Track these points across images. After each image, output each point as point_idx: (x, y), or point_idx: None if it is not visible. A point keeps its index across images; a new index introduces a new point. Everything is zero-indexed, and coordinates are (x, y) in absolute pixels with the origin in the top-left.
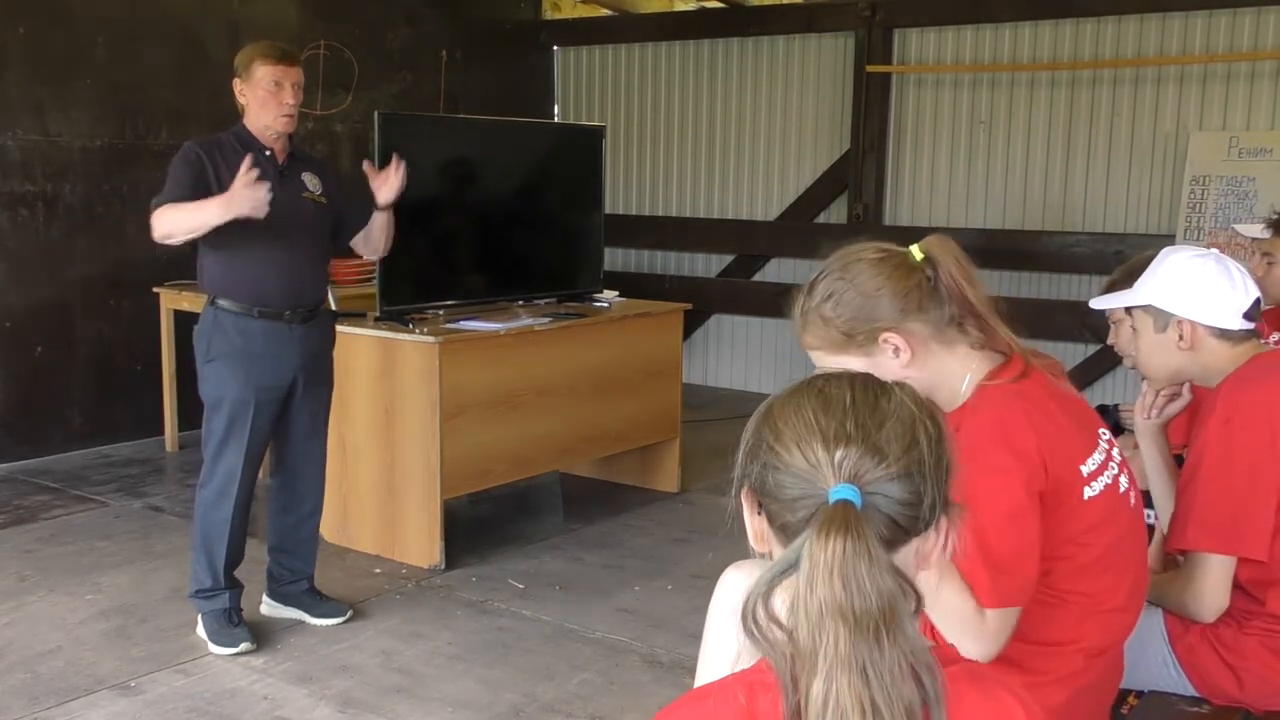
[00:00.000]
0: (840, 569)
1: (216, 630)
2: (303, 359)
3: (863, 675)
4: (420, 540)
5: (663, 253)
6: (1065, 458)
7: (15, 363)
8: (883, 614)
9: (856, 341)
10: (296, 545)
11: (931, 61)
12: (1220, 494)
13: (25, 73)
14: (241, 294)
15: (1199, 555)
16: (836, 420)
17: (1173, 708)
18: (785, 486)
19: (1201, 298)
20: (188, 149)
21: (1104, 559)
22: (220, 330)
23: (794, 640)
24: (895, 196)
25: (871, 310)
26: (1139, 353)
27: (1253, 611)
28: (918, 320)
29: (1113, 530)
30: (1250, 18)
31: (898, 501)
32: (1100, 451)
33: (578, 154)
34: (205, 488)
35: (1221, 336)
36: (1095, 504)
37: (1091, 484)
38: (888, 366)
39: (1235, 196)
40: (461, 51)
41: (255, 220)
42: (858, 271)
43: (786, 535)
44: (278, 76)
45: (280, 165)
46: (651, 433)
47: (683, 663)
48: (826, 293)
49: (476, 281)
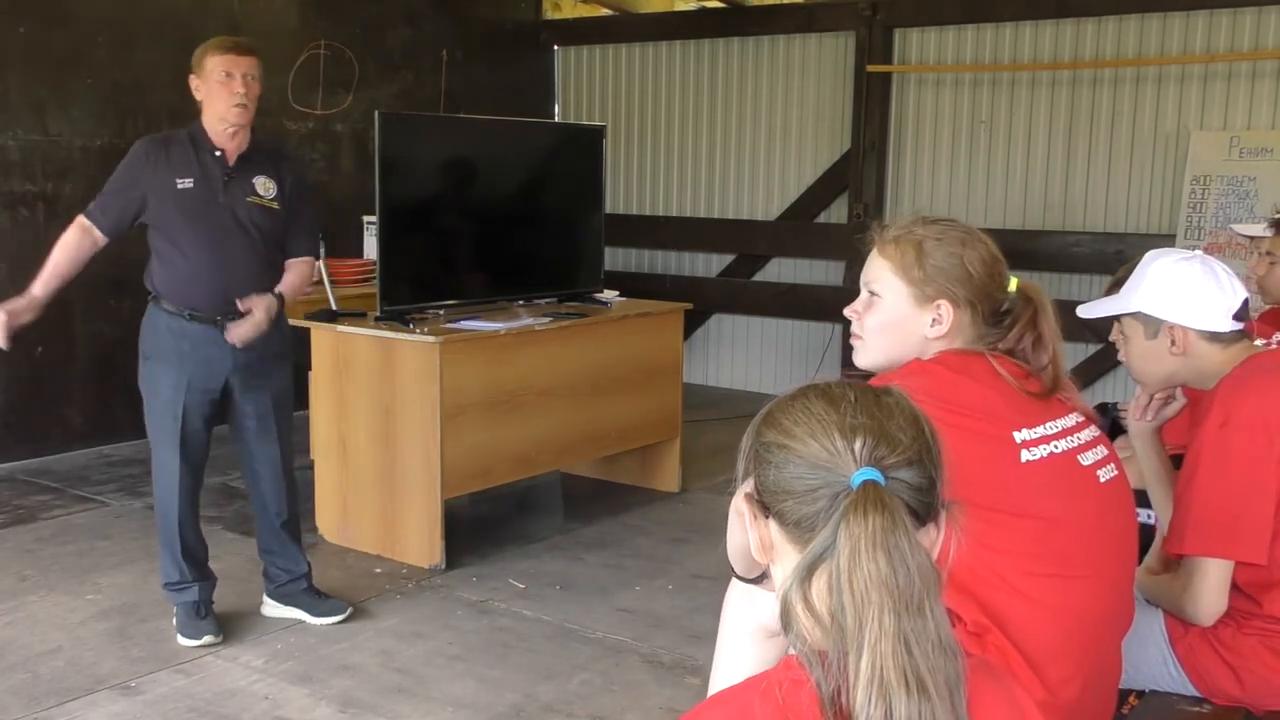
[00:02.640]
0: (883, 543)
1: (184, 622)
2: (235, 363)
3: (907, 648)
4: (420, 540)
5: (663, 252)
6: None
7: (15, 363)
8: (925, 588)
9: (924, 287)
10: (279, 545)
11: (932, 61)
12: (1217, 497)
13: (26, 72)
14: (175, 296)
15: (1197, 559)
16: (848, 413)
17: (1173, 708)
18: (801, 478)
19: (1190, 302)
20: (134, 150)
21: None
22: (155, 330)
23: (836, 622)
24: (896, 196)
25: (958, 279)
26: (1130, 359)
27: (1251, 613)
28: (974, 316)
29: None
30: (1251, 17)
31: (913, 487)
32: (1052, 426)
33: (578, 154)
34: (154, 486)
35: (1212, 339)
36: (1035, 468)
37: (1030, 449)
38: (916, 324)
39: (1236, 196)
40: (462, 51)
41: (190, 221)
42: (975, 247)
43: (801, 530)
44: (228, 67)
45: (229, 166)
46: (652, 432)
47: (683, 663)
48: (941, 235)
49: (477, 281)
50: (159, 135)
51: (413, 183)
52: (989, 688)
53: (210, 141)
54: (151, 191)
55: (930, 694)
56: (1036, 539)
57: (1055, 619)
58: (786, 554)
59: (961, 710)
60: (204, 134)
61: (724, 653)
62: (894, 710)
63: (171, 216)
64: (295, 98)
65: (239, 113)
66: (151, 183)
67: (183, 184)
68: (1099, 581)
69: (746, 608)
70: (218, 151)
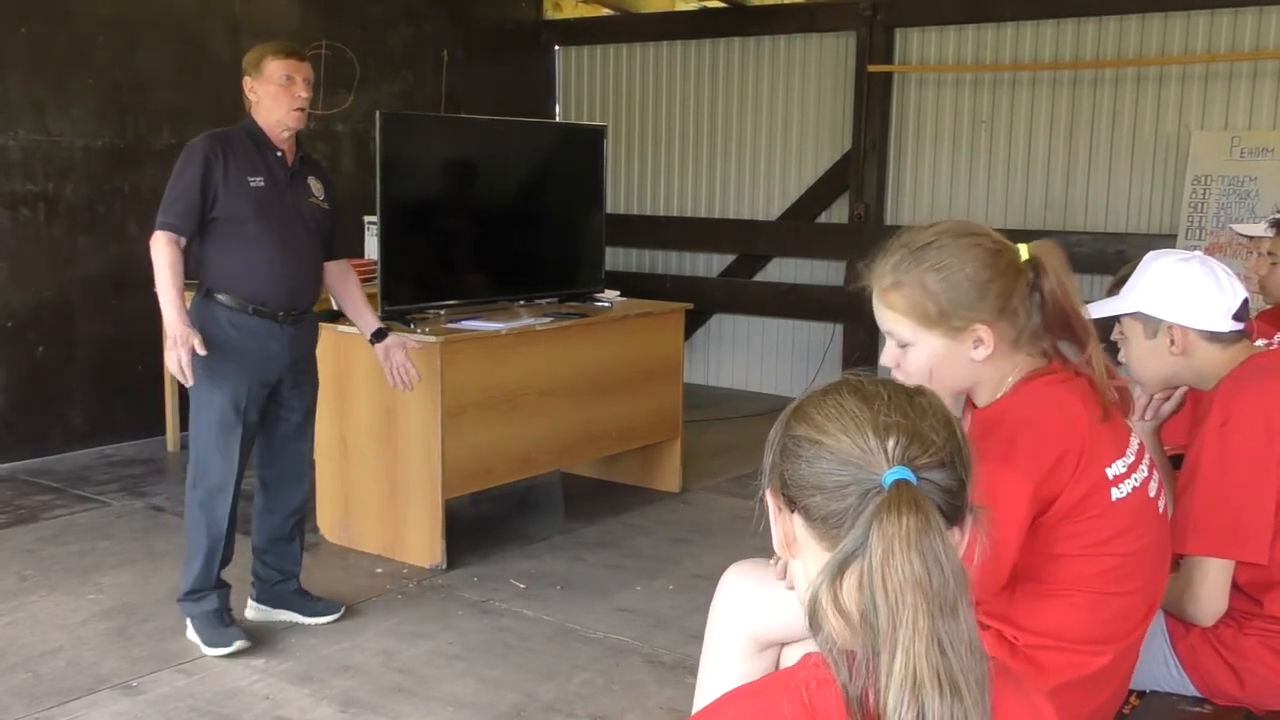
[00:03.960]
0: (917, 543)
1: (209, 632)
2: (291, 359)
3: (940, 650)
4: (421, 540)
5: (664, 252)
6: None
7: (17, 362)
8: (958, 589)
9: (949, 323)
10: (282, 545)
11: (933, 61)
12: (1218, 498)
13: (27, 73)
14: (239, 290)
15: (1197, 559)
16: (881, 411)
17: (1174, 708)
18: (831, 474)
19: (1189, 302)
20: (194, 147)
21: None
22: (216, 324)
23: (867, 622)
24: (896, 196)
25: (977, 299)
26: (1130, 360)
27: (1252, 613)
28: (1008, 321)
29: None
30: (1252, 17)
31: (943, 488)
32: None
33: (579, 154)
34: (197, 487)
35: (1212, 339)
36: (1122, 507)
37: (1119, 486)
38: (961, 354)
39: (1237, 196)
40: (463, 51)
41: (263, 219)
42: (974, 257)
43: (828, 526)
44: (290, 71)
45: (290, 167)
46: (652, 432)
47: (684, 662)
48: (938, 264)
49: (478, 281)
50: (214, 133)
51: (414, 183)
52: (1010, 693)
53: (271, 142)
54: (224, 186)
55: (963, 695)
56: (1106, 571)
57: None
58: (810, 550)
59: (988, 713)
60: (263, 134)
61: (711, 665)
62: (927, 711)
63: (245, 212)
64: None
65: (299, 117)
66: (222, 178)
67: (255, 182)
68: (1140, 600)
69: (737, 618)
70: (278, 152)
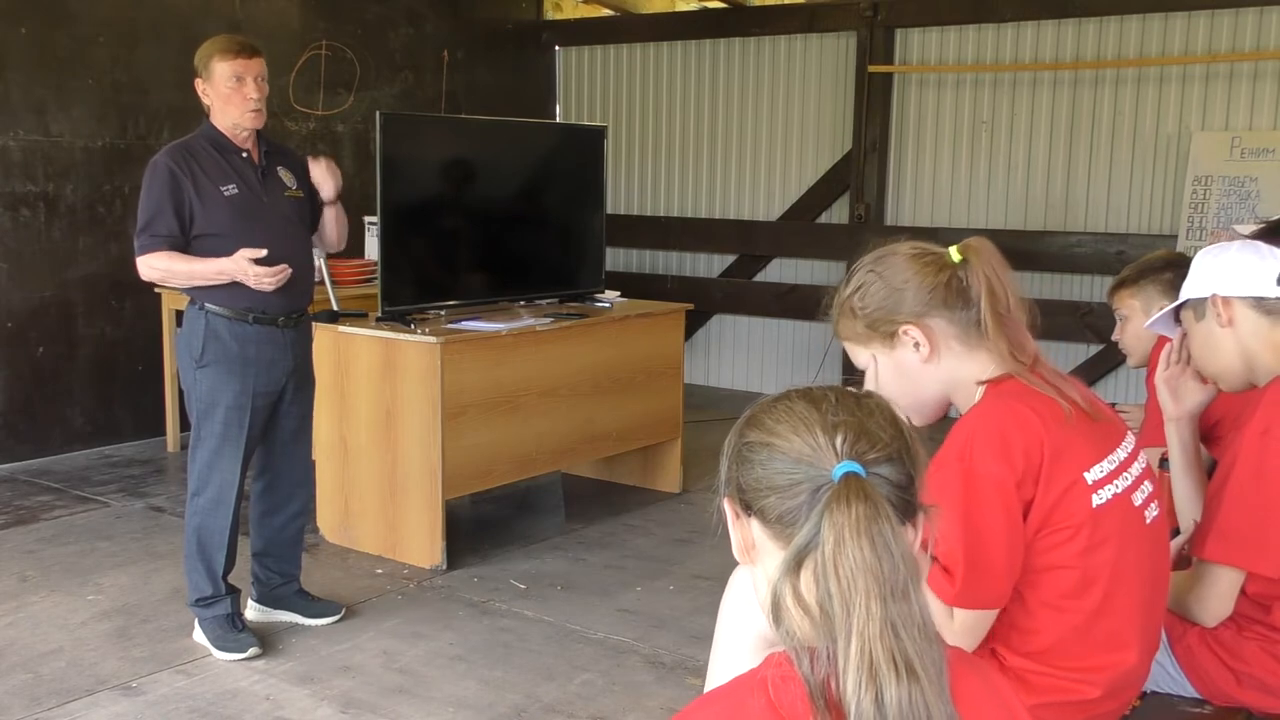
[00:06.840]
0: (866, 531)
1: (221, 637)
2: (294, 363)
3: (894, 633)
4: (422, 541)
5: (664, 253)
6: (1070, 461)
7: (17, 363)
8: (909, 575)
9: (879, 333)
10: (283, 548)
11: (933, 61)
12: (1246, 507)
13: (27, 73)
14: (237, 302)
15: (1211, 563)
16: (828, 411)
17: (1174, 708)
18: (784, 473)
19: (1229, 271)
20: (157, 164)
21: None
22: (214, 335)
23: (824, 612)
24: (897, 197)
25: (895, 303)
26: (1195, 357)
27: (1255, 619)
28: (941, 317)
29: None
30: (1253, 17)
31: (892, 483)
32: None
33: (579, 154)
34: (200, 495)
35: (1258, 308)
36: (1104, 512)
37: (1099, 492)
38: (908, 361)
39: (1238, 196)
40: (463, 51)
41: (245, 228)
42: (889, 265)
43: (784, 525)
44: (238, 71)
45: (259, 165)
46: (653, 433)
47: (685, 663)
48: (857, 285)
49: (478, 282)
50: (174, 146)
51: (414, 183)
52: (969, 674)
53: (234, 145)
54: (198, 202)
55: (920, 677)
56: (1091, 585)
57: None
58: (768, 553)
59: (947, 694)
60: (224, 137)
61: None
62: (884, 694)
63: (224, 223)
64: (296, 98)
65: (255, 117)
66: (194, 192)
67: (228, 190)
68: (1131, 623)
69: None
70: (244, 153)
